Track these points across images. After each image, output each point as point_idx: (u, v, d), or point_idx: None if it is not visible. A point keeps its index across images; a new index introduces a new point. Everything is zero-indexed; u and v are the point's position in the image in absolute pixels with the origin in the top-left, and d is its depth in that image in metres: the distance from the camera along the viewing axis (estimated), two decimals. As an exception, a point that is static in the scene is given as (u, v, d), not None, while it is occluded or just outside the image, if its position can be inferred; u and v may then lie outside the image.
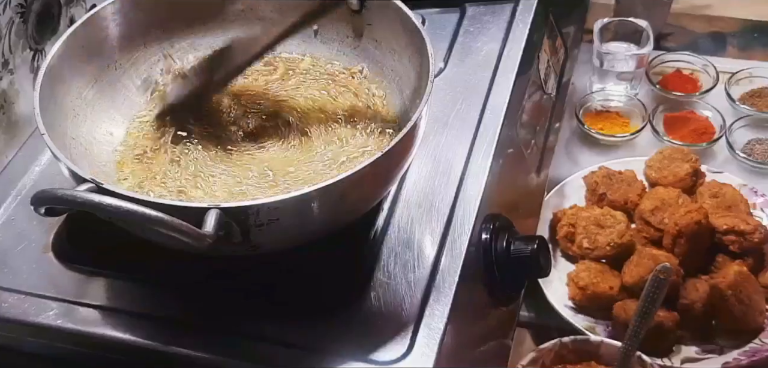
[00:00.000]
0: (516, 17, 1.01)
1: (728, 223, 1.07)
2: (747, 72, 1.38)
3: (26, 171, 0.89)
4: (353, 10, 0.88)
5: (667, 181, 1.17)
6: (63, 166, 0.71)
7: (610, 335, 1.02)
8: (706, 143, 1.27)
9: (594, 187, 1.18)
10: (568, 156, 1.30)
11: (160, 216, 0.64)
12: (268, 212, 0.67)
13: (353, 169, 0.69)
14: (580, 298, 1.06)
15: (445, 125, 0.88)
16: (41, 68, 0.79)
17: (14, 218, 0.84)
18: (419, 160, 0.84)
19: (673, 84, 1.38)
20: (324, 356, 0.71)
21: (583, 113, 1.33)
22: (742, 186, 1.18)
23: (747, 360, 1.00)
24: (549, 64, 1.09)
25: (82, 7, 1.01)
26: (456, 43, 0.99)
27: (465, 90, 0.92)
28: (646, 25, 1.35)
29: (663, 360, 1.01)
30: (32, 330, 0.75)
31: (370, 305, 0.74)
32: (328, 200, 0.69)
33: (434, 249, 0.78)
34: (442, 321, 0.72)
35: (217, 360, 0.72)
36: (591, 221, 1.11)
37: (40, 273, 0.79)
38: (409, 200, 0.82)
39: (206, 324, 0.74)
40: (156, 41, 0.90)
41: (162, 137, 0.84)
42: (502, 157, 0.88)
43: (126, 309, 0.76)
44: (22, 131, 0.93)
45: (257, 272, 0.76)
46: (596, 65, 1.36)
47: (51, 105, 0.78)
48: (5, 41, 0.90)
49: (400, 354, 0.70)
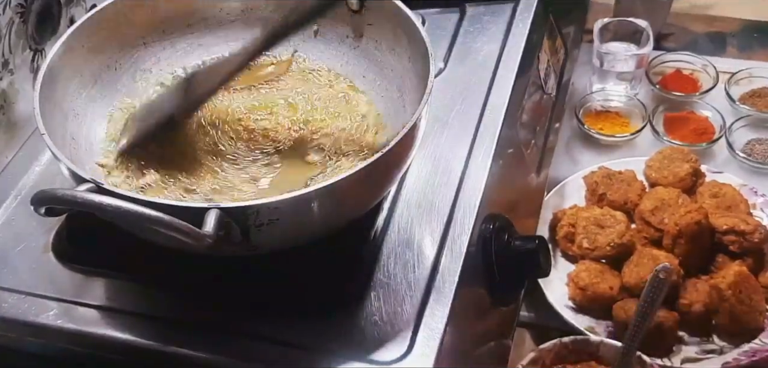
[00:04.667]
0: (516, 17, 1.02)
1: (728, 223, 1.07)
2: (747, 72, 1.38)
3: (26, 171, 0.89)
4: (353, 10, 0.88)
5: (667, 181, 1.17)
6: (63, 166, 0.71)
7: (610, 335, 1.02)
8: (706, 143, 1.27)
9: (594, 187, 1.18)
10: (568, 156, 1.30)
11: (160, 216, 0.64)
12: (268, 212, 0.67)
13: (353, 169, 0.69)
14: (580, 298, 1.06)
15: (445, 125, 0.88)
16: (41, 68, 0.79)
17: (14, 218, 0.84)
18: (419, 160, 0.84)
19: (673, 84, 1.38)
20: (324, 356, 0.71)
21: (583, 113, 1.33)
22: (742, 186, 1.18)
23: (747, 360, 1.00)
24: (549, 64, 1.09)
25: (82, 7, 1.01)
26: (456, 43, 0.99)
27: (465, 90, 0.92)
28: (646, 25, 1.35)
29: (663, 360, 1.01)
30: (32, 330, 0.75)
31: (370, 305, 0.74)
32: (328, 200, 0.69)
33: (434, 249, 0.78)
34: (442, 321, 0.72)
35: (217, 360, 0.72)
36: (591, 221, 1.11)
37: (40, 273, 0.79)
38: (409, 200, 0.82)
39: (206, 324, 0.74)
40: (156, 41, 0.90)
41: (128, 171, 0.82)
42: (502, 157, 0.88)
43: (126, 309, 0.76)
44: (22, 131, 0.93)
45: (257, 272, 0.76)
46: (596, 65, 1.36)
47: (51, 105, 0.78)
48: (5, 41, 0.90)
49: (400, 354, 0.70)
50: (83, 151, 0.81)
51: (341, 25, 0.90)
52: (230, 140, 0.84)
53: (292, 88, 0.89)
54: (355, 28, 0.89)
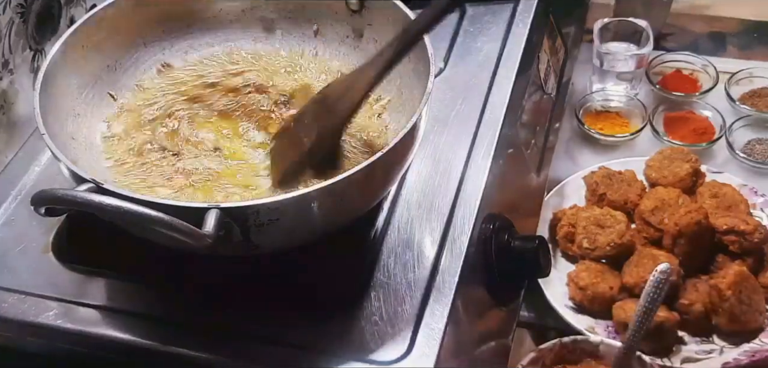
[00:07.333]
0: (516, 17, 1.02)
1: (728, 223, 1.07)
2: (747, 72, 1.38)
3: (26, 171, 0.89)
4: (353, 10, 0.88)
5: (667, 181, 1.17)
6: (63, 166, 0.71)
7: (610, 335, 1.02)
8: (706, 143, 1.27)
9: (594, 187, 1.18)
10: (568, 156, 1.30)
11: (160, 216, 0.64)
12: (268, 212, 0.67)
13: (353, 169, 0.69)
14: (580, 298, 1.06)
15: (445, 125, 0.88)
16: (41, 68, 0.79)
17: (14, 218, 0.84)
18: (419, 160, 0.84)
19: (673, 84, 1.38)
20: (324, 356, 0.71)
21: (583, 113, 1.33)
22: (742, 186, 1.18)
23: (747, 360, 1.00)
24: (549, 64, 1.09)
25: (82, 7, 1.01)
26: (456, 43, 0.99)
27: (465, 90, 0.92)
28: (646, 25, 1.35)
29: (663, 360, 1.01)
30: (32, 330, 0.75)
31: (370, 305, 0.74)
32: (328, 200, 0.69)
33: (434, 249, 0.78)
34: (442, 321, 0.72)
35: (217, 360, 0.72)
36: (591, 221, 1.11)
37: (40, 273, 0.79)
38: (409, 200, 0.82)
39: (206, 324, 0.74)
40: (156, 41, 0.90)
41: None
42: (502, 157, 0.88)
43: (126, 309, 0.76)
44: (22, 131, 0.93)
45: (257, 272, 0.76)
46: (596, 65, 1.36)
47: (51, 105, 0.78)
48: (5, 41, 0.90)
49: (400, 354, 0.71)
50: (83, 151, 0.81)
51: (341, 25, 0.90)
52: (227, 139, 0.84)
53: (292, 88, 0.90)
54: (355, 28, 0.89)
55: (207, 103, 0.87)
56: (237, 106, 0.87)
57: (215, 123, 0.86)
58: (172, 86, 0.89)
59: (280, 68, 0.91)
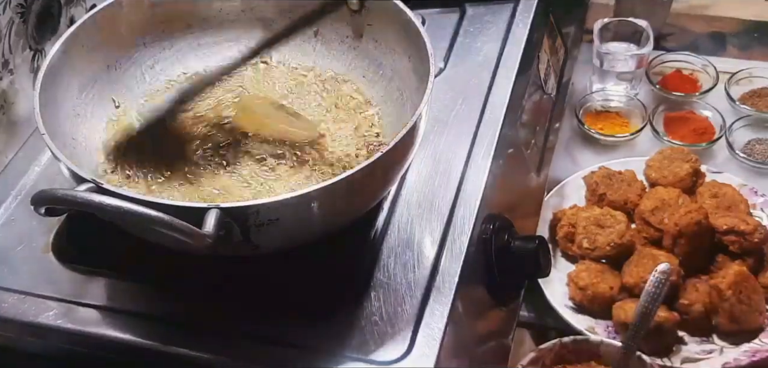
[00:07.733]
0: (516, 17, 1.02)
1: (728, 223, 1.07)
2: (747, 72, 1.38)
3: (26, 171, 0.89)
4: (353, 10, 0.88)
5: (667, 181, 1.17)
6: (63, 166, 0.71)
7: (610, 335, 1.02)
8: (706, 143, 1.27)
9: (594, 187, 1.18)
10: (568, 156, 1.30)
11: (160, 216, 0.64)
12: (268, 212, 0.67)
13: (353, 169, 0.69)
14: (580, 298, 1.06)
15: (445, 125, 0.88)
16: (41, 68, 0.79)
17: (14, 218, 0.84)
18: (419, 160, 0.84)
19: (673, 84, 1.38)
20: (324, 356, 0.71)
21: (583, 113, 1.33)
22: (742, 186, 1.18)
23: (747, 360, 1.00)
24: (549, 64, 1.09)
25: (82, 7, 1.01)
26: (456, 43, 0.99)
27: (465, 90, 0.92)
28: (646, 25, 1.35)
29: (663, 360, 1.01)
30: (32, 330, 0.75)
31: (370, 305, 0.74)
32: (328, 200, 0.69)
33: (434, 249, 0.78)
34: (442, 321, 0.72)
35: (217, 360, 0.72)
36: (591, 221, 1.11)
37: (40, 273, 0.79)
38: (409, 200, 0.82)
39: (206, 324, 0.74)
40: (156, 41, 0.90)
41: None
42: (502, 157, 0.88)
43: (126, 309, 0.76)
44: (22, 131, 0.93)
45: (257, 272, 0.76)
46: (596, 65, 1.36)
47: (51, 105, 0.78)
48: (5, 41, 0.90)
49: (400, 354, 0.70)
50: (83, 151, 0.81)
51: (341, 25, 0.90)
52: (226, 139, 0.84)
53: (292, 89, 0.89)
54: (355, 28, 0.89)
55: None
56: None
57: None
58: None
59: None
